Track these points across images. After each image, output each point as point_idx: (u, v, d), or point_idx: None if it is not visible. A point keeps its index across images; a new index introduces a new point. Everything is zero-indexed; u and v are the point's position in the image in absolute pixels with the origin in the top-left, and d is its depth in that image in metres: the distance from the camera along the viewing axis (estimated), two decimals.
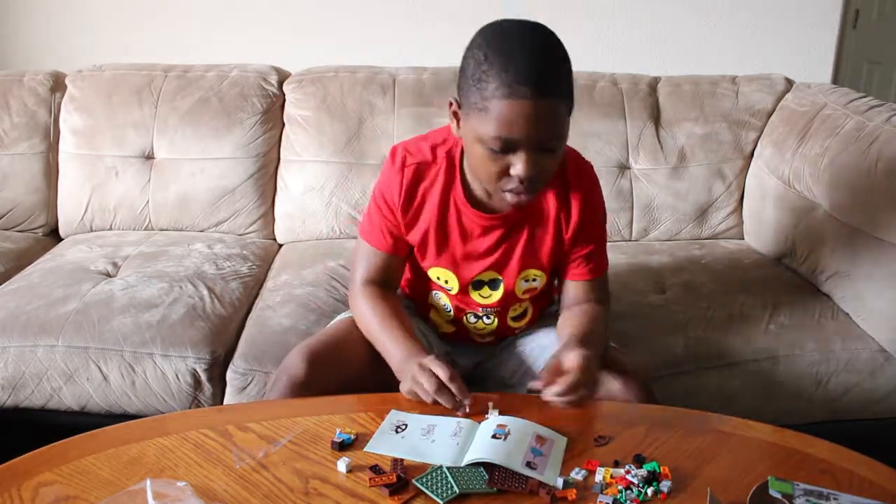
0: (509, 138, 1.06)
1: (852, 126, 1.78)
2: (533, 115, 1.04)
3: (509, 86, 1.03)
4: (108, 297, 1.61)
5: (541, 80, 1.03)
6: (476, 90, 1.06)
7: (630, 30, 2.80)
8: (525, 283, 1.30)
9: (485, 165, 1.11)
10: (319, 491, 0.96)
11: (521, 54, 1.04)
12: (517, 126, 1.04)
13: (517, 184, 1.10)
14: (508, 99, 1.03)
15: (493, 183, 1.12)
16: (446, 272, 1.28)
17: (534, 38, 1.08)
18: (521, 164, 1.07)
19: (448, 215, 1.24)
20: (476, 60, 1.06)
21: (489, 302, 1.31)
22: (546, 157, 1.10)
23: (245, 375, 1.48)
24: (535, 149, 1.07)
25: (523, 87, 1.02)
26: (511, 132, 1.05)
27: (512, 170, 1.09)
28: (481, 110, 1.06)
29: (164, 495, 0.91)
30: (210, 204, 2.02)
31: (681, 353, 1.53)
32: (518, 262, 1.27)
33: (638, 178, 2.04)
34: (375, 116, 2.02)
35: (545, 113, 1.05)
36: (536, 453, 1.01)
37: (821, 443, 1.06)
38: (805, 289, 1.74)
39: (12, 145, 2.03)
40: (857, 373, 1.55)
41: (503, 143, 1.06)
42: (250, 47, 2.64)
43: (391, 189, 1.24)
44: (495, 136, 1.06)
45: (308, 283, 1.72)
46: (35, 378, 1.51)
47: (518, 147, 1.07)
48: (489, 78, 1.04)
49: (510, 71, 1.03)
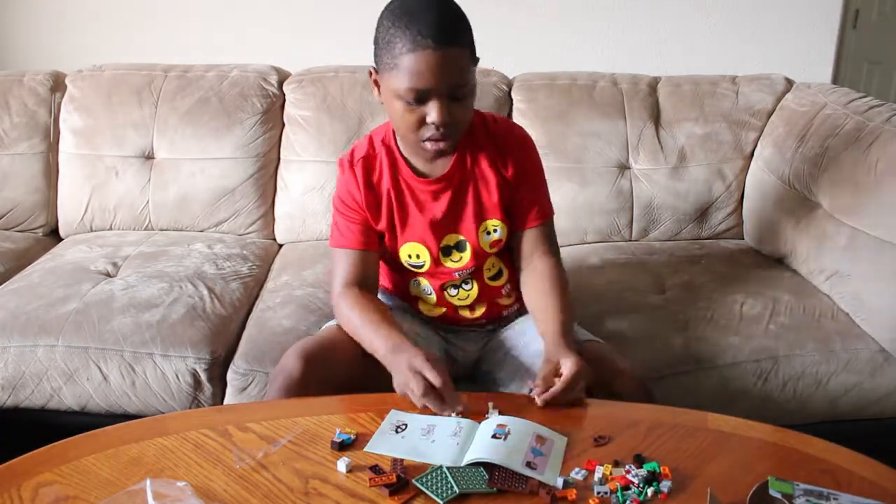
0: (420, 88, 1.16)
1: (852, 126, 1.78)
2: (438, 63, 1.14)
3: (413, 40, 1.13)
4: (108, 297, 1.61)
5: (441, 32, 1.14)
6: (386, 51, 1.17)
7: (630, 30, 2.80)
8: (488, 236, 1.36)
9: (404, 119, 1.21)
10: (319, 491, 0.96)
11: (420, 12, 1.15)
12: (425, 75, 1.15)
13: (434, 131, 1.20)
14: (414, 52, 1.14)
15: (413, 133, 1.22)
16: (416, 246, 1.35)
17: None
18: (434, 112, 1.18)
19: (402, 193, 1.33)
20: (384, 27, 1.18)
21: (462, 265, 1.36)
22: (457, 106, 1.20)
23: (246, 376, 1.48)
24: (445, 96, 1.17)
25: (426, 39, 1.13)
26: (421, 82, 1.15)
27: (428, 118, 1.19)
28: (393, 68, 1.16)
29: (164, 495, 0.91)
30: (210, 204, 2.02)
31: (681, 353, 1.53)
32: (473, 218, 1.34)
33: (638, 178, 2.04)
34: (375, 116, 2.02)
35: (449, 61, 1.15)
36: (536, 453, 1.02)
37: (821, 443, 1.06)
38: (805, 289, 1.74)
39: (12, 145, 2.03)
40: (857, 373, 1.54)
41: (416, 94, 1.16)
42: (250, 47, 2.64)
43: (350, 189, 1.33)
44: (408, 88, 1.16)
45: (308, 284, 1.72)
46: (35, 378, 1.51)
47: (430, 96, 1.17)
48: (396, 37, 1.15)
49: (413, 27, 1.14)
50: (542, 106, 2.02)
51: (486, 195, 1.34)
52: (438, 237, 1.35)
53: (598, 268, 1.85)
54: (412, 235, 1.34)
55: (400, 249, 1.35)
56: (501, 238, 1.37)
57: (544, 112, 2.03)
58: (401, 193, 1.33)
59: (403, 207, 1.33)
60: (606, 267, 1.86)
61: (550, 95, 2.06)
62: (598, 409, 1.17)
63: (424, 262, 1.36)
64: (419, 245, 1.35)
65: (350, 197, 1.33)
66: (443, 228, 1.34)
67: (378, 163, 1.33)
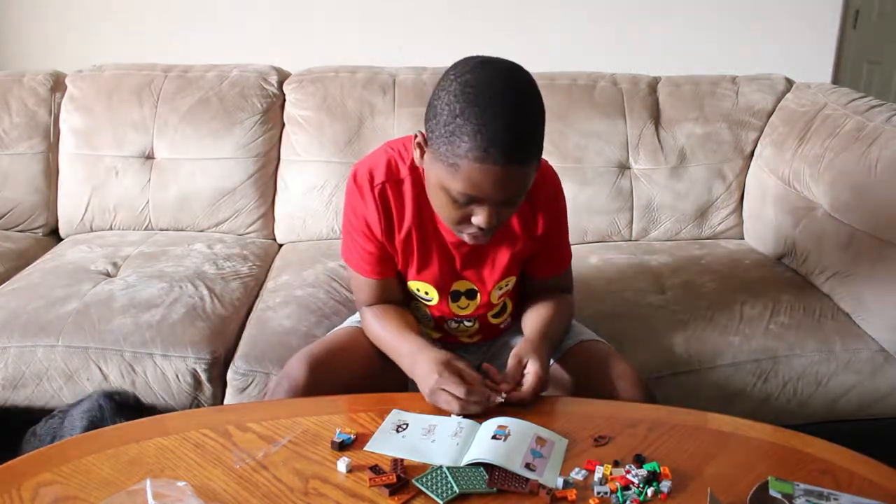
0: (474, 196, 1.06)
1: (852, 126, 1.78)
2: (502, 179, 1.04)
3: (483, 150, 1.01)
4: (108, 297, 1.61)
5: (513, 149, 1.02)
6: (447, 143, 1.03)
7: (630, 30, 2.80)
8: (499, 290, 1.33)
9: (446, 210, 1.12)
10: (319, 491, 0.96)
11: (495, 117, 1.01)
12: (485, 187, 1.04)
13: (476, 230, 1.12)
14: (480, 164, 1.02)
15: (453, 225, 1.14)
16: (426, 285, 1.30)
17: (510, 95, 1.04)
18: (482, 217, 1.08)
19: (426, 234, 1.25)
20: (450, 110, 1.03)
21: (467, 312, 1.34)
22: (508, 209, 1.12)
23: (246, 376, 1.48)
24: (498, 206, 1.09)
25: (496, 153, 1.01)
26: (478, 192, 1.05)
27: (473, 219, 1.10)
28: (451, 165, 1.04)
29: (164, 495, 0.91)
30: (210, 204, 2.02)
31: (681, 353, 1.53)
32: (492, 276, 1.29)
33: (638, 178, 2.04)
34: (375, 116, 2.02)
35: (513, 176, 1.05)
36: (536, 455, 1.01)
37: (821, 443, 1.06)
38: (805, 289, 1.74)
39: (12, 145, 2.03)
40: (857, 373, 1.55)
41: (467, 199, 1.07)
42: (250, 47, 2.64)
43: (367, 215, 1.23)
44: (461, 192, 1.06)
45: (309, 285, 1.72)
46: (35, 378, 1.51)
47: (482, 202, 1.08)
48: (462, 136, 1.01)
49: (484, 134, 1.00)
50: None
51: (509, 255, 1.27)
52: (450, 282, 1.30)
53: (598, 268, 1.85)
54: (426, 276, 1.29)
55: (410, 283, 1.31)
56: (511, 290, 1.35)
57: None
58: (424, 232, 1.24)
59: (425, 249, 1.26)
60: (606, 267, 1.86)
61: (550, 95, 2.04)
62: (598, 409, 1.17)
63: (433, 299, 1.32)
64: (430, 286, 1.30)
65: (364, 223, 1.23)
66: (455, 276, 1.30)
67: (402, 190, 1.21)
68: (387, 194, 1.21)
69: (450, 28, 2.77)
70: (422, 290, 1.32)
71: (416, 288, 1.32)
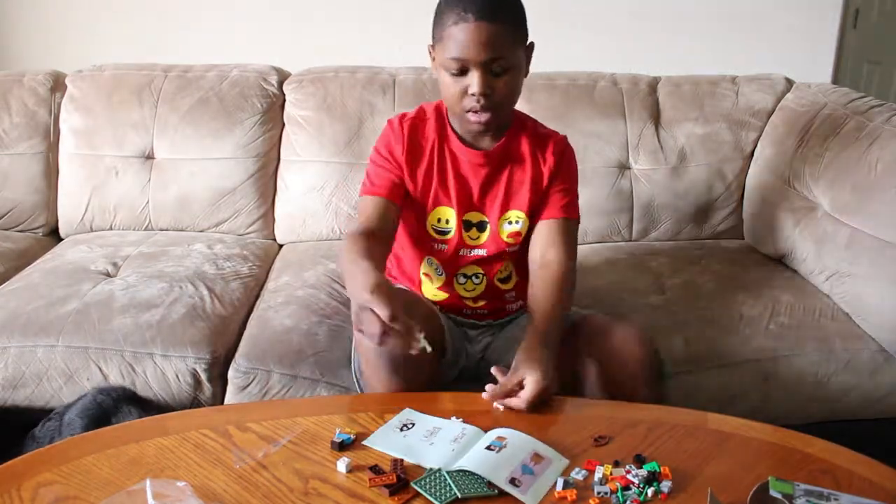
0: (461, 58, 1.24)
1: (852, 126, 1.78)
2: (476, 35, 1.22)
3: (458, 13, 1.22)
4: (108, 297, 1.61)
5: (483, 7, 1.22)
6: (437, 25, 1.27)
7: (630, 30, 2.80)
8: (508, 226, 1.40)
9: (448, 89, 1.29)
10: (319, 491, 0.96)
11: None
12: (465, 46, 1.22)
13: (474, 102, 1.27)
14: (457, 24, 1.22)
15: (457, 103, 1.29)
16: (448, 210, 1.39)
17: None
18: (474, 82, 1.25)
19: (444, 158, 1.39)
20: (439, 6, 1.28)
21: (479, 243, 1.40)
22: (497, 81, 1.26)
23: (247, 374, 1.48)
24: (484, 69, 1.24)
25: (468, 13, 1.21)
26: (461, 52, 1.23)
27: (469, 89, 1.26)
28: (440, 40, 1.27)
29: (164, 495, 0.91)
30: (210, 204, 2.02)
31: (681, 353, 1.53)
32: (500, 203, 1.39)
33: (638, 178, 2.04)
34: (375, 116, 2.02)
35: (486, 34, 1.22)
36: (526, 471, 0.99)
37: (821, 443, 1.06)
38: (805, 289, 1.74)
39: (12, 145, 2.03)
40: (857, 373, 1.54)
41: (458, 64, 1.25)
42: (250, 47, 2.64)
43: (392, 143, 1.39)
44: (450, 58, 1.24)
45: (309, 286, 1.72)
46: (35, 378, 1.51)
47: (470, 67, 1.24)
48: (445, 12, 1.25)
49: (459, 2, 1.23)
50: (542, 106, 2.02)
51: (518, 183, 1.39)
52: (464, 209, 1.39)
53: (598, 268, 1.85)
54: (445, 199, 1.39)
55: (430, 214, 1.40)
56: (520, 231, 1.40)
57: (544, 112, 2.01)
58: (443, 158, 1.39)
59: (443, 171, 1.39)
60: (606, 267, 1.86)
61: (550, 95, 2.06)
62: (598, 409, 1.17)
63: (451, 228, 1.39)
64: (450, 210, 1.39)
65: (388, 150, 1.39)
66: (470, 203, 1.39)
67: (426, 126, 1.40)
68: (414, 127, 1.40)
69: None
70: (442, 220, 1.40)
71: (437, 218, 1.40)
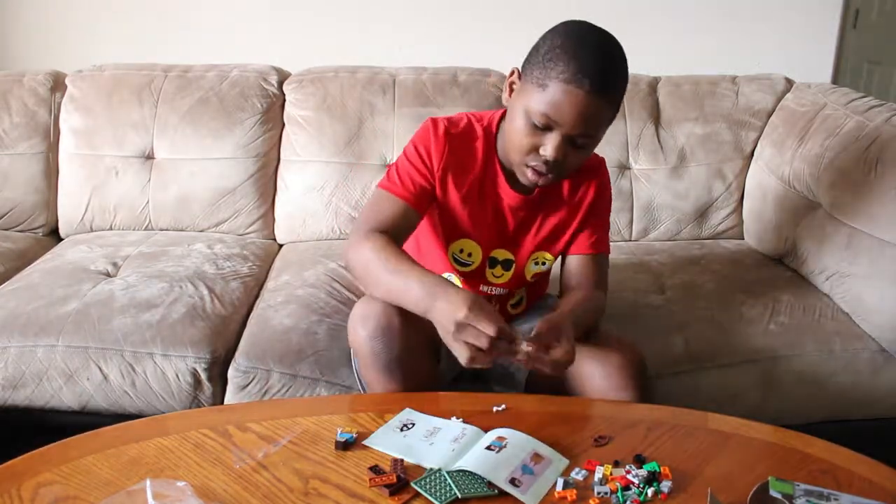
0: (553, 118, 1.14)
1: (852, 126, 1.78)
2: (582, 106, 1.13)
3: (573, 73, 1.12)
4: (108, 296, 1.61)
5: (601, 80, 1.12)
6: (542, 67, 1.15)
7: (630, 30, 2.79)
8: (535, 267, 1.36)
9: (520, 136, 1.18)
10: (319, 491, 0.96)
11: (592, 52, 1.14)
12: (564, 111, 1.13)
13: (541, 163, 1.18)
14: (568, 84, 1.12)
15: (522, 155, 1.20)
16: (474, 245, 1.33)
17: (608, 43, 1.18)
18: (551, 146, 1.16)
19: (485, 192, 1.31)
20: (552, 43, 1.16)
21: (500, 282, 1.36)
22: (574, 151, 1.19)
23: (247, 373, 1.48)
24: (568, 138, 1.16)
25: (584, 80, 1.11)
26: (556, 113, 1.14)
27: (542, 149, 1.17)
28: (540, 86, 1.15)
29: (163, 495, 0.91)
30: (210, 204, 2.02)
31: (681, 353, 1.53)
32: (531, 244, 1.34)
33: (638, 178, 2.04)
34: (375, 116, 2.02)
35: (593, 109, 1.14)
36: (526, 471, 0.99)
37: (821, 443, 1.06)
38: (805, 289, 1.74)
39: (12, 145, 2.03)
40: (857, 373, 1.55)
41: (546, 121, 1.15)
42: (250, 47, 2.64)
43: (431, 147, 1.28)
44: (542, 113, 1.14)
45: (309, 285, 1.72)
46: (35, 378, 1.51)
47: (555, 129, 1.15)
48: (558, 60, 1.13)
49: (578, 60, 1.12)
50: None
51: (553, 227, 1.34)
52: (492, 247, 1.34)
53: None
54: (474, 234, 1.32)
55: (454, 243, 1.33)
56: (544, 272, 1.39)
57: None
58: (483, 192, 1.31)
59: (481, 206, 1.31)
60: None
61: None
62: (598, 409, 1.17)
63: (473, 262, 1.34)
64: (476, 245, 1.33)
65: (427, 154, 1.27)
66: (500, 241, 1.34)
67: (474, 147, 1.30)
68: (458, 143, 1.29)
69: (450, 28, 2.77)
70: (465, 252, 1.33)
71: (459, 248, 1.33)
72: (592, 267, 1.36)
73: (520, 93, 1.20)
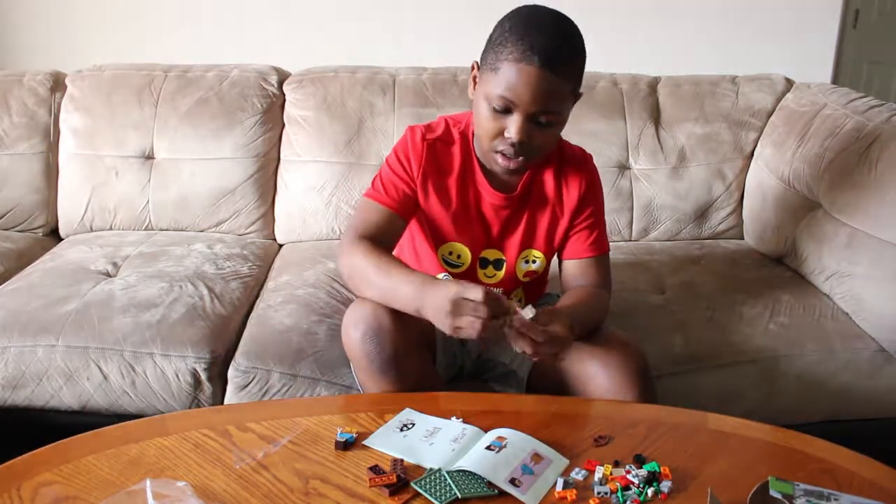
0: (509, 98, 1.15)
1: (852, 126, 1.78)
2: (534, 83, 1.13)
3: (521, 52, 1.13)
4: (108, 296, 1.61)
5: (550, 56, 1.13)
6: (493, 52, 1.17)
7: (630, 30, 2.80)
8: (525, 265, 1.35)
9: (485, 122, 1.20)
10: (319, 491, 0.96)
11: (541, 30, 1.15)
12: (518, 89, 1.14)
13: (508, 146, 1.20)
14: (517, 63, 1.13)
15: (489, 141, 1.21)
16: (462, 247, 1.34)
17: (559, 22, 1.19)
18: (514, 128, 1.17)
19: (467, 194, 1.32)
20: (501, 28, 1.18)
21: (493, 282, 1.35)
22: (538, 131, 1.19)
23: (247, 373, 1.48)
24: (529, 117, 1.17)
25: (533, 56, 1.12)
26: (512, 93, 1.15)
27: (506, 132, 1.18)
28: (493, 70, 1.16)
29: (163, 495, 0.91)
30: (210, 204, 2.02)
31: (681, 353, 1.53)
32: (519, 243, 1.34)
33: (638, 178, 2.04)
34: (375, 116, 2.02)
35: (546, 85, 1.14)
36: (526, 471, 0.99)
37: (821, 443, 1.06)
38: (805, 289, 1.74)
39: (12, 145, 2.03)
40: (857, 373, 1.54)
41: (504, 103, 1.16)
42: (250, 47, 2.64)
43: (412, 159, 1.30)
44: (498, 95, 1.16)
45: (309, 285, 1.72)
46: (35, 378, 1.51)
47: (515, 110, 1.16)
48: (507, 42, 1.15)
49: (526, 40, 1.13)
50: None
51: (539, 224, 1.34)
52: (481, 247, 1.35)
53: None
54: (463, 237, 1.33)
55: (443, 245, 1.34)
56: (537, 271, 1.38)
57: None
58: (465, 195, 1.32)
59: (464, 208, 1.32)
60: None
61: None
62: (598, 408, 1.17)
63: (464, 263, 1.34)
64: (465, 247, 1.34)
65: (407, 162, 1.30)
66: (488, 241, 1.35)
67: (451, 151, 1.31)
68: (436, 149, 1.31)
69: (450, 28, 2.77)
70: (454, 254, 1.34)
71: (448, 251, 1.34)
72: (594, 269, 1.36)
73: (480, 82, 1.22)
